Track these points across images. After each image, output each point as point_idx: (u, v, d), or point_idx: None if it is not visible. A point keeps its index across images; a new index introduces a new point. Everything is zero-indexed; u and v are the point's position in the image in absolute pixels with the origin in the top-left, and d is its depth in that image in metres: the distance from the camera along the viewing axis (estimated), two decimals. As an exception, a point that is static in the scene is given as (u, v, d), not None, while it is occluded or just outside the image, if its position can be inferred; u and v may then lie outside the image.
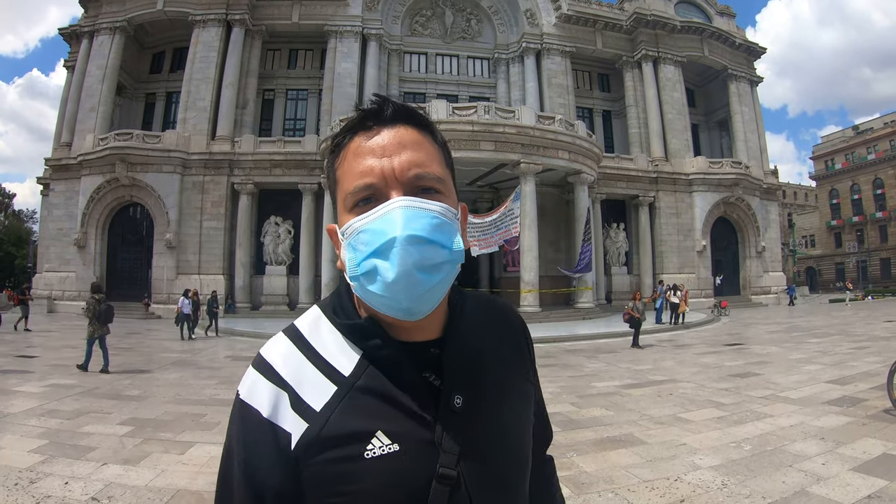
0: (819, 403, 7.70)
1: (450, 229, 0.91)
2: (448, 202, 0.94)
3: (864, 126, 71.74)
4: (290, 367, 0.95)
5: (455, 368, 0.96)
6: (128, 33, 33.56)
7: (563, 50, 36.15)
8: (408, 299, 0.86)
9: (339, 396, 0.91)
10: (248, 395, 0.94)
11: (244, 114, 32.79)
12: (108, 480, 4.83)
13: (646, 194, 34.61)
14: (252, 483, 0.90)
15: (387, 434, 0.88)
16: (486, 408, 0.98)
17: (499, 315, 1.15)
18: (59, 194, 31.77)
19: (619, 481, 4.87)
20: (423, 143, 0.96)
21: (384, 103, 0.97)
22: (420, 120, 0.99)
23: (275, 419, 0.90)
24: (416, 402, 0.91)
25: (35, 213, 67.21)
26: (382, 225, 0.86)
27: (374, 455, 0.87)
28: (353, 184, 0.92)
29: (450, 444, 0.90)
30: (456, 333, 1.00)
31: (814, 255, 74.85)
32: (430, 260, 0.86)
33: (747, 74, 40.90)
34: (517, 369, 1.09)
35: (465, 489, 0.90)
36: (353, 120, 0.98)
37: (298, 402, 0.91)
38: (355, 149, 0.95)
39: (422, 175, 0.92)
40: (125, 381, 10.04)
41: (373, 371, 0.93)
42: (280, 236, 31.02)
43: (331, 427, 0.88)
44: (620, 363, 12.63)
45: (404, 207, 0.87)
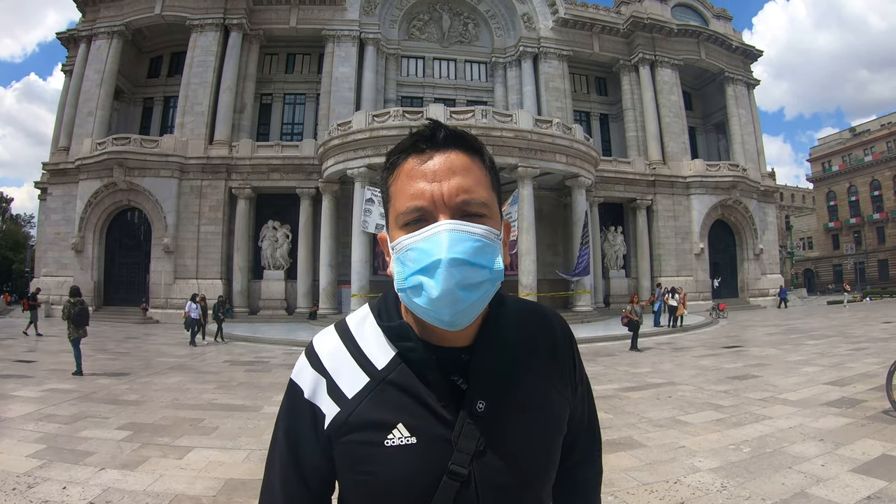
0: (818, 405, 7.70)
1: (491, 251, 0.96)
2: (492, 224, 0.99)
3: (861, 128, 72.05)
4: (333, 357, 1.08)
5: (481, 374, 1.03)
6: (125, 38, 33.56)
7: (561, 54, 36.23)
8: (450, 314, 0.93)
9: (370, 388, 1.02)
10: (297, 375, 1.09)
11: (242, 118, 32.79)
12: (106, 485, 4.81)
13: (643, 197, 34.63)
14: (293, 447, 1.06)
15: (407, 427, 0.98)
16: (509, 415, 1.03)
17: (540, 325, 1.19)
18: (57, 199, 31.70)
19: (618, 484, 4.86)
20: (472, 169, 1.01)
21: (437, 128, 1.02)
22: (471, 144, 1.04)
23: (314, 400, 1.05)
24: (441, 401, 1.00)
25: (33, 217, 67.14)
26: (429, 245, 0.93)
27: (393, 444, 0.97)
28: (405, 205, 0.98)
29: (465, 444, 0.97)
30: (486, 341, 1.06)
31: (811, 257, 75.00)
32: (471, 280, 0.92)
33: (744, 77, 41.01)
34: (551, 381, 1.12)
35: (475, 488, 0.97)
36: (407, 141, 1.03)
37: (334, 388, 1.04)
38: (409, 170, 1.00)
39: (469, 201, 0.97)
40: (123, 386, 10.00)
41: (404, 369, 1.02)
42: (278, 241, 30.99)
43: (359, 414, 1.00)
44: (619, 366, 12.63)
45: (450, 231, 0.93)
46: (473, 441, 0.98)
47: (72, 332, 11.57)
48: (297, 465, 1.05)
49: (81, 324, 11.64)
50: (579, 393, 1.20)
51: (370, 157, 24.18)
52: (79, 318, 11.61)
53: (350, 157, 24.99)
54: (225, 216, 30.38)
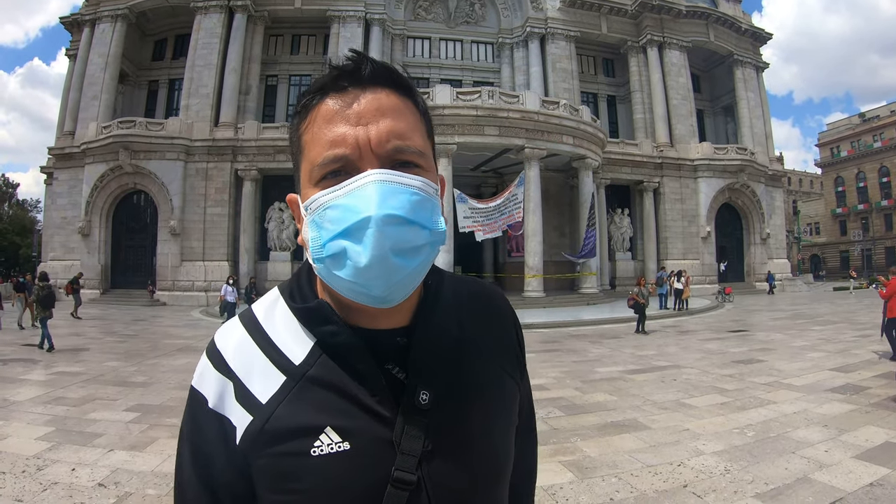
0: (822, 391, 7.70)
1: (431, 207, 0.81)
2: (429, 177, 0.84)
3: (871, 114, 71.29)
4: (240, 355, 0.88)
5: (422, 360, 0.87)
6: (129, 21, 33.42)
7: (568, 34, 35.86)
8: (381, 287, 0.77)
9: (287, 388, 0.84)
10: (198, 382, 0.89)
11: (247, 100, 32.70)
12: (115, 466, 4.86)
13: (650, 180, 34.49)
14: (200, 468, 0.86)
15: (337, 430, 0.80)
16: (457, 406, 0.87)
17: (483, 301, 1.03)
18: (63, 183, 31.82)
19: (622, 466, 4.89)
20: (405, 111, 0.84)
21: (362, 61, 0.84)
22: (402, 83, 0.87)
23: (220, 409, 0.85)
24: (374, 396, 0.83)
25: (39, 202, 67.30)
26: (354, 201, 0.76)
27: (322, 453, 0.79)
28: (321, 154, 0.80)
29: (410, 445, 0.81)
30: (427, 320, 0.90)
31: (818, 242, 74.76)
32: (409, 242, 0.77)
33: (753, 60, 40.57)
34: (499, 364, 0.97)
35: (427, 495, 0.81)
36: (325, 78, 0.85)
37: (244, 393, 0.85)
38: (326, 113, 0.82)
39: (402, 148, 0.81)
40: (131, 368, 10.09)
41: (326, 360, 0.85)
42: (284, 222, 31.01)
43: (276, 420, 0.82)
44: (624, 348, 12.64)
45: (380, 182, 0.76)
46: (419, 440, 0.82)
47: (39, 312, 12.67)
48: (212, 492, 0.85)
49: (48, 305, 12.63)
50: (525, 378, 1.05)
51: (375, 139, 24.01)
52: (46, 301, 12.65)
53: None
54: (231, 198, 30.41)
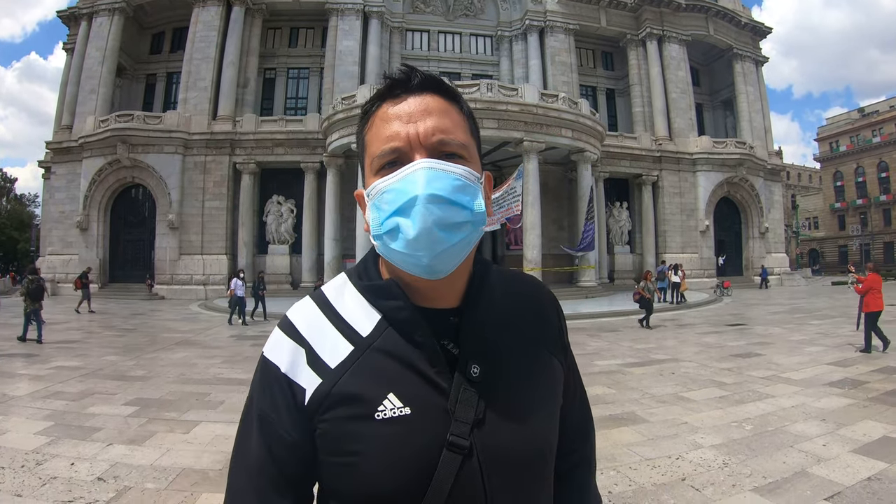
0: (820, 385, 7.72)
1: (471, 191, 0.92)
2: (472, 167, 0.95)
3: (870, 109, 71.20)
4: (311, 326, 0.98)
5: (472, 337, 0.97)
6: (127, 14, 33.28)
7: (567, 27, 35.75)
8: (428, 256, 0.87)
9: (354, 356, 0.93)
10: (270, 351, 0.98)
11: (245, 93, 32.60)
12: (114, 460, 4.87)
13: (649, 173, 34.45)
14: (266, 433, 0.94)
15: (399, 396, 0.89)
16: (505, 379, 0.97)
17: (525, 288, 1.14)
18: (61, 177, 31.78)
19: (620, 459, 4.90)
20: (449, 112, 0.97)
21: (412, 72, 0.98)
22: (447, 90, 1.00)
23: (291, 374, 0.94)
24: (433, 367, 0.92)
25: (37, 196, 67.23)
26: (405, 185, 0.88)
27: (385, 416, 0.88)
28: (379, 148, 0.94)
29: (463, 413, 0.90)
30: (475, 302, 1.00)
31: (817, 237, 74.81)
32: (451, 219, 0.87)
33: (752, 54, 40.48)
34: (543, 344, 1.07)
35: (477, 460, 0.89)
36: (382, 88, 1.00)
37: (315, 358, 0.94)
38: (382, 115, 0.96)
39: (446, 141, 0.93)
40: (130, 362, 10.09)
41: (391, 333, 0.95)
42: (283, 215, 31.01)
43: (343, 385, 0.91)
44: (622, 341, 12.67)
45: (427, 168, 0.88)
46: (472, 409, 0.91)
47: (28, 304, 12.88)
48: (274, 457, 0.93)
49: (37, 298, 12.98)
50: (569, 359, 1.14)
51: (375, 131, 23.99)
52: (35, 293, 12.99)
53: (355, 130, 24.22)
54: (229, 191, 30.36)
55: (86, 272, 22.80)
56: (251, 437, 0.96)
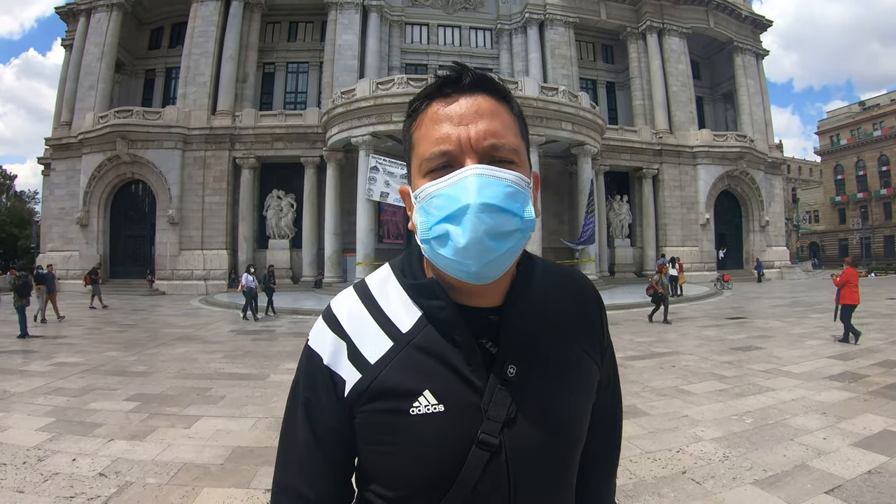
0: (821, 378, 7.73)
1: (522, 198, 0.91)
2: (522, 171, 0.94)
3: (871, 102, 70.88)
4: (353, 320, 1.00)
5: (512, 337, 0.97)
6: (125, 10, 33.18)
7: (567, 20, 35.62)
8: (477, 265, 0.87)
9: (394, 352, 0.95)
10: (314, 341, 1.02)
11: (244, 88, 32.54)
12: (116, 456, 4.87)
13: (649, 166, 34.43)
14: (311, 416, 0.99)
15: (434, 393, 0.91)
16: (540, 380, 0.97)
17: (569, 287, 1.13)
18: (61, 173, 31.76)
19: (621, 452, 4.89)
20: (501, 113, 0.95)
21: (463, 71, 0.96)
22: (498, 90, 0.98)
23: (333, 366, 0.98)
24: (469, 365, 0.93)
25: (37, 193, 67.23)
26: (456, 191, 0.87)
27: (419, 412, 0.90)
28: (429, 150, 0.92)
29: (496, 412, 0.91)
30: (517, 302, 1.00)
31: (817, 230, 74.71)
32: (502, 228, 0.87)
33: (753, 47, 40.37)
34: (581, 345, 1.06)
35: (505, 458, 0.91)
36: (431, 86, 0.98)
37: (356, 353, 0.97)
38: (433, 115, 0.94)
39: (497, 145, 0.91)
40: (131, 358, 10.10)
41: (430, 331, 0.96)
42: (283, 210, 31.01)
43: (382, 380, 0.93)
44: (623, 335, 12.66)
45: (479, 175, 0.87)
46: (504, 408, 0.92)
47: (16, 300, 13.32)
48: (317, 437, 0.99)
49: (24, 294, 13.44)
50: (607, 358, 1.15)
51: (374, 125, 24.10)
52: (22, 290, 13.45)
53: (354, 125, 24.80)
54: (229, 186, 30.35)
55: (96, 268, 22.93)
56: (297, 419, 1.01)
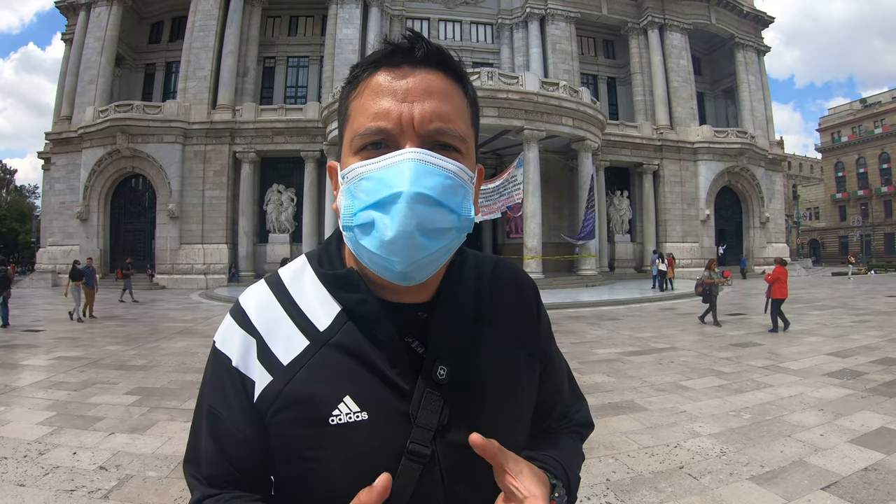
0: (819, 375, 7.73)
1: (463, 193, 0.82)
2: (467, 163, 0.85)
3: (872, 99, 70.84)
4: (264, 315, 0.90)
5: (442, 336, 0.89)
6: (125, 4, 33.20)
7: (568, 15, 35.55)
8: (403, 263, 0.78)
9: (309, 352, 0.86)
10: (221, 341, 0.91)
11: (245, 82, 32.53)
12: (116, 449, 4.89)
13: (650, 162, 34.44)
14: (215, 429, 0.88)
15: (356, 400, 0.82)
16: (475, 381, 0.89)
17: (505, 279, 1.04)
18: (61, 168, 31.80)
19: (619, 447, 4.92)
20: (453, 96, 0.85)
21: (417, 41, 0.85)
22: (454, 68, 0.88)
23: (243, 368, 0.87)
24: (395, 368, 0.84)
25: (37, 188, 67.47)
26: (389, 175, 0.77)
27: (340, 422, 0.81)
28: (364, 124, 0.82)
29: (426, 419, 0.83)
30: (449, 297, 0.92)
31: (818, 227, 74.74)
32: (435, 224, 0.78)
33: (754, 43, 40.31)
34: (520, 341, 0.99)
35: (439, 469, 0.84)
36: (379, 52, 0.86)
37: (265, 352, 0.87)
38: (375, 86, 0.83)
39: (444, 130, 0.82)
40: (131, 352, 10.12)
41: (350, 328, 0.87)
42: (283, 204, 31.05)
43: (296, 384, 0.84)
44: (622, 330, 12.67)
45: (417, 160, 0.78)
46: (435, 414, 0.84)
47: None
48: (223, 453, 0.88)
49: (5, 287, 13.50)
50: (544, 348, 1.06)
51: (375, 120, 23.99)
52: (2, 283, 13.46)
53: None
54: (229, 180, 30.38)
55: (128, 263, 23.01)
56: (201, 432, 0.90)
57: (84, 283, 15.54)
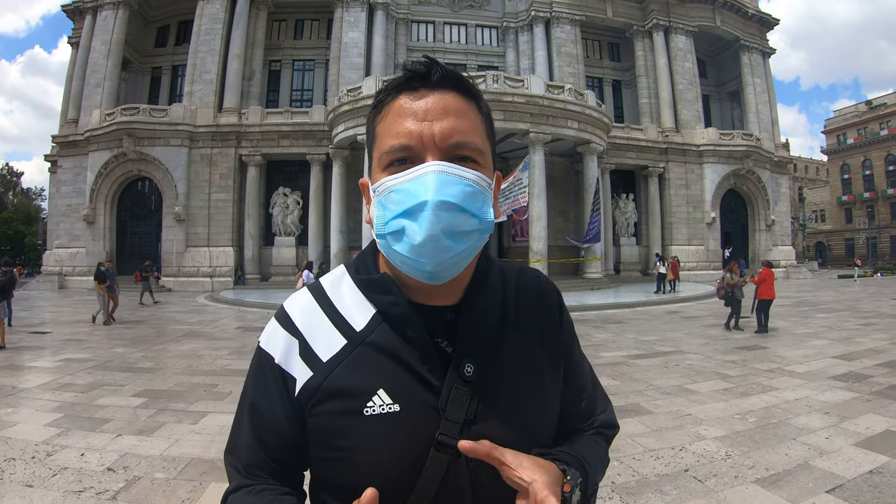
0: (824, 378, 7.72)
1: (483, 199, 0.89)
2: (485, 172, 0.92)
3: (878, 101, 70.31)
4: (306, 317, 0.98)
5: (469, 336, 0.95)
6: (132, 7, 33.32)
7: (573, 18, 35.54)
8: (432, 263, 0.86)
9: (347, 350, 0.94)
10: (266, 341, 1.00)
11: (251, 85, 32.59)
12: (124, 451, 4.92)
13: (655, 165, 34.33)
14: (256, 421, 0.97)
15: (389, 393, 0.89)
16: (500, 379, 0.96)
17: (528, 285, 1.11)
18: (67, 171, 31.94)
19: (624, 450, 4.92)
20: (468, 112, 0.94)
21: (433, 66, 0.93)
22: (468, 88, 0.96)
23: (285, 365, 0.95)
24: (425, 365, 0.92)
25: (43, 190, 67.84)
26: (415, 186, 0.85)
27: (374, 412, 0.88)
28: (389, 143, 0.90)
29: (454, 412, 0.90)
30: (474, 300, 0.99)
31: (824, 230, 74.36)
32: (459, 227, 0.85)
33: (760, 45, 40.19)
34: (543, 342, 1.05)
35: (465, 460, 0.88)
36: (399, 79, 0.95)
37: (308, 351, 0.95)
38: (398, 108, 0.92)
39: (462, 143, 0.90)
40: (138, 354, 10.16)
41: (385, 328, 0.94)
42: (289, 207, 31.09)
43: (334, 379, 0.91)
44: (627, 333, 12.67)
45: (438, 172, 0.85)
46: (463, 408, 0.90)
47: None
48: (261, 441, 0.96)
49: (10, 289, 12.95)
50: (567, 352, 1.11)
51: (381, 123, 24.06)
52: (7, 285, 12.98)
53: (360, 122, 24.74)
54: (235, 183, 30.43)
55: (146, 265, 23.09)
56: (242, 423, 0.99)
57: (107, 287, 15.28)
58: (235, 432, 1.00)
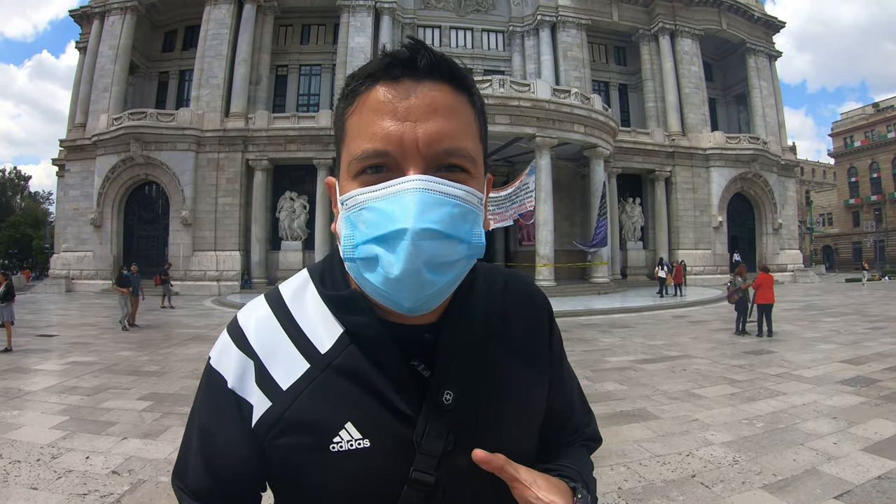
0: (832, 383, 7.66)
1: (472, 218, 0.77)
2: (476, 185, 0.79)
3: (885, 104, 69.95)
4: (262, 334, 0.85)
5: (449, 359, 0.83)
6: (139, 12, 33.56)
7: (579, 22, 35.53)
8: (410, 300, 0.74)
9: (310, 376, 0.81)
10: (217, 360, 0.86)
11: (258, 90, 32.74)
12: (129, 454, 4.93)
13: (662, 169, 34.27)
14: (206, 446, 0.84)
15: (357, 426, 0.78)
16: (481, 406, 0.85)
17: (517, 294, 0.99)
18: (75, 175, 32.13)
19: (631, 455, 4.90)
20: (459, 110, 0.79)
21: (419, 49, 0.77)
22: (460, 78, 0.81)
23: (239, 390, 0.82)
24: (398, 393, 0.80)
25: (51, 194, 68.18)
26: (392, 207, 0.71)
27: (341, 449, 0.78)
28: (362, 147, 0.75)
29: (431, 445, 0.79)
30: (457, 318, 0.86)
31: (831, 233, 73.97)
32: (444, 257, 0.73)
33: (766, 48, 40.11)
34: (531, 358, 0.94)
35: (442, 497, 0.80)
36: (377, 63, 0.79)
37: (264, 376, 0.82)
38: (374, 102, 0.76)
39: (451, 150, 0.76)
40: (144, 357, 10.19)
41: (353, 351, 0.82)
42: (295, 211, 31.16)
43: (296, 410, 0.79)
44: (634, 338, 12.61)
45: (421, 190, 0.71)
46: (440, 441, 0.79)
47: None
48: (211, 471, 0.84)
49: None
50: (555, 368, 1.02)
51: (387, 128, 24.14)
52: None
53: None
54: (242, 188, 30.51)
55: (165, 268, 23.19)
56: (191, 446, 0.86)
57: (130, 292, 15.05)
58: (183, 455, 0.87)
